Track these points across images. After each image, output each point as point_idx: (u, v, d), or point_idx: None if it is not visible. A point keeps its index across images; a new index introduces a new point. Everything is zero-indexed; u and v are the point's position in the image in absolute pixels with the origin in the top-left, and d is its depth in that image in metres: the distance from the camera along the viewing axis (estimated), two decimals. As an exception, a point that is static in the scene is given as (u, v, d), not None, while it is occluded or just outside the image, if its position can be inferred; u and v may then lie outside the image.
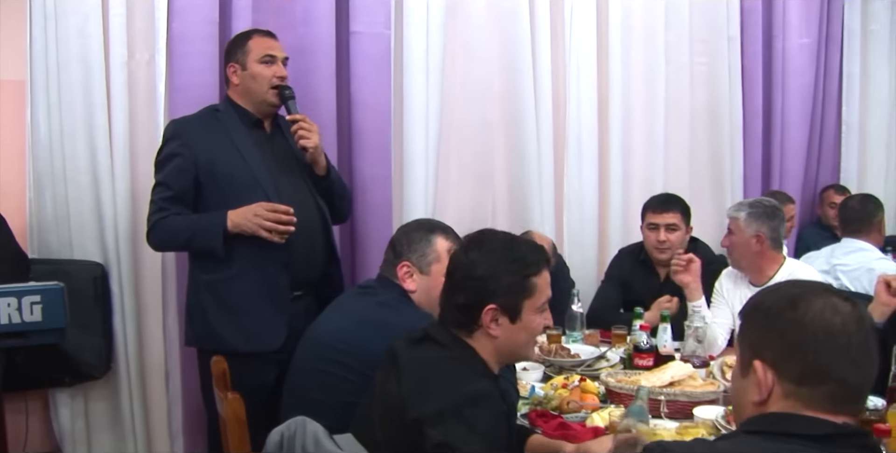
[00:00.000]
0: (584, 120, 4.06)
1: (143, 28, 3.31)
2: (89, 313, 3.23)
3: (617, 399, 2.54)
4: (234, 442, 2.12)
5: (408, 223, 2.61)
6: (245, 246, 2.77)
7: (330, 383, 2.24)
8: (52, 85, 3.24)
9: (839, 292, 1.39)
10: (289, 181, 2.92)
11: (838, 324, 1.29)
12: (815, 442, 1.25)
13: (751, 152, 4.45)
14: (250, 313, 2.82)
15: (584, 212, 4.10)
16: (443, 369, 1.82)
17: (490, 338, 1.86)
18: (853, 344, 1.29)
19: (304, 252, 2.86)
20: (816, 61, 4.57)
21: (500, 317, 1.85)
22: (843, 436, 1.26)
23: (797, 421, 1.28)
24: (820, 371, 1.28)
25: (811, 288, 1.39)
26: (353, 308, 2.42)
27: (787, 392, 1.30)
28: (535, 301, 1.88)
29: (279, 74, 2.92)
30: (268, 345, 2.78)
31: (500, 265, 1.86)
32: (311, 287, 2.97)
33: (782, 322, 1.32)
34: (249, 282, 2.81)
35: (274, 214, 2.72)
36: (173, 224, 2.82)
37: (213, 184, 2.84)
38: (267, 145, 2.94)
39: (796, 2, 4.48)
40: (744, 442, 1.30)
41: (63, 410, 3.33)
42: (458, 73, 3.81)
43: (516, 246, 1.91)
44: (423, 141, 3.68)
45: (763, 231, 3.15)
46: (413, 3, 3.63)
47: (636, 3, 4.14)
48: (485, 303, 1.84)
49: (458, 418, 1.70)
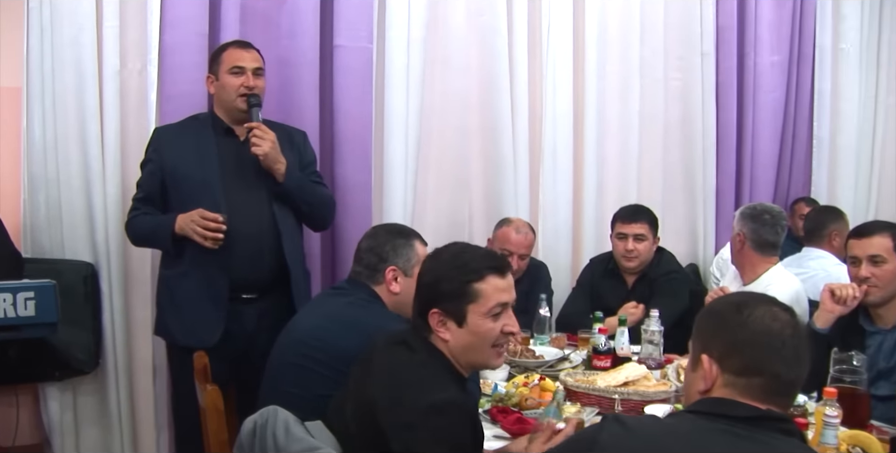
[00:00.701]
0: (559, 131, 4.20)
1: (135, 39, 3.46)
2: (79, 310, 3.36)
3: (575, 397, 2.67)
4: (212, 429, 2.27)
5: (376, 230, 2.68)
6: (192, 247, 2.94)
7: (304, 376, 2.38)
8: (47, 92, 3.38)
9: (780, 303, 1.61)
10: (243, 187, 3.04)
11: (776, 328, 1.52)
12: (741, 422, 1.44)
13: (724, 165, 4.58)
14: (191, 310, 3.01)
15: (558, 220, 4.23)
16: (412, 376, 1.91)
17: (443, 341, 1.98)
18: (787, 346, 1.51)
19: (247, 256, 3.00)
20: (788, 78, 4.70)
21: (447, 321, 1.96)
22: (766, 419, 1.46)
23: (728, 405, 1.49)
24: (756, 366, 1.50)
25: (756, 297, 1.63)
26: (326, 307, 2.56)
27: (728, 382, 1.52)
28: (480, 306, 1.95)
29: (247, 84, 3.05)
30: (202, 342, 2.90)
31: (443, 271, 1.98)
32: (263, 290, 3.09)
33: (729, 323, 1.55)
34: (193, 281, 3.00)
35: (203, 222, 2.87)
36: (140, 223, 3.06)
37: (174, 187, 3.03)
38: (233, 152, 3.06)
39: (769, 20, 4.62)
40: (683, 418, 1.52)
41: (52, 403, 3.45)
42: (438, 85, 3.96)
43: (464, 254, 2.01)
44: (403, 150, 3.82)
45: (744, 231, 3.33)
46: (395, 17, 3.78)
47: (612, 20, 4.29)
48: (430, 307, 1.97)
49: (425, 428, 1.79)
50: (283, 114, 3.51)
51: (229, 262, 2.97)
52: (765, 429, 1.44)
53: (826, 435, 1.93)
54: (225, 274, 2.98)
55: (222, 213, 2.90)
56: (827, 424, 1.93)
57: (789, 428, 1.49)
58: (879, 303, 2.77)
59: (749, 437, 1.42)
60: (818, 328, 2.79)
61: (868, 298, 2.76)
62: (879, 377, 2.67)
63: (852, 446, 2.12)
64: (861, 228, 2.88)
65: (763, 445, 1.41)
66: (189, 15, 3.45)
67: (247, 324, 3.04)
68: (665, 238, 3.99)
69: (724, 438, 1.42)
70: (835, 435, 1.93)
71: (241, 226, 2.96)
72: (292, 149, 3.15)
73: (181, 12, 3.44)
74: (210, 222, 2.87)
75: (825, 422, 1.94)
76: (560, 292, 3.97)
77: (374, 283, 2.54)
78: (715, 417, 1.47)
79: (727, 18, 4.53)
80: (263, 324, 3.03)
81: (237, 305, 3.03)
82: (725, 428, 1.43)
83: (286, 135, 3.17)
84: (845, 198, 4.92)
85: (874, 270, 2.74)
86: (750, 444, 1.41)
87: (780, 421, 1.48)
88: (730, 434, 1.42)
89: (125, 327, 3.51)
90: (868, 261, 2.75)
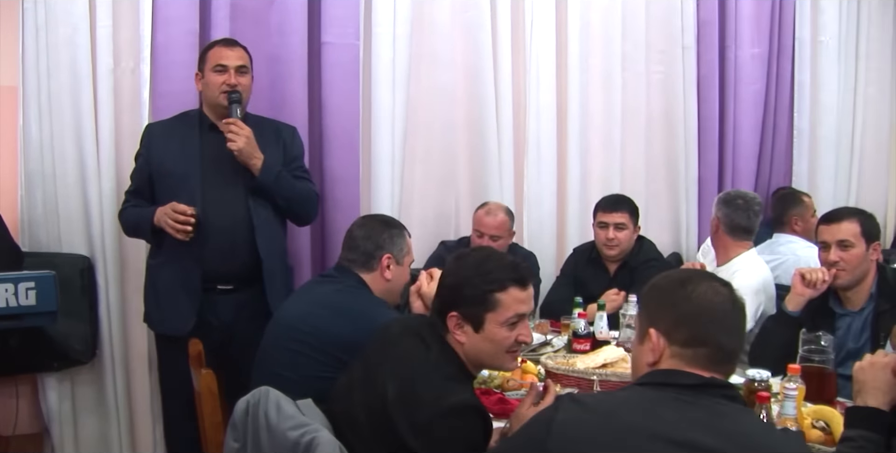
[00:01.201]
0: (543, 124, 4.28)
1: (128, 38, 3.54)
2: (76, 302, 3.44)
3: (555, 378, 2.77)
4: (206, 412, 2.38)
5: (368, 220, 2.76)
6: (169, 238, 3.05)
7: (294, 360, 2.48)
8: (42, 90, 3.46)
9: (720, 279, 1.70)
10: (220, 182, 3.13)
11: (718, 302, 1.62)
12: (687, 389, 1.54)
13: (706, 156, 4.67)
14: (167, 299, 3.13)
15: (542, 211, 4.32)
16: (430, 376, 1.96)
17: (458, 342, 2.05)
18: (728, 318, 1.62)
19: (219, 249, 3.09)
20: (768, 70, 4.78)
21: (464, 325, 2.02)
22: (710, 386, 1.56)
23: (674, 375, 1.59)
24: (701, 336, 1.60)
25: (698, 273, 1.75)
26: (315, 294, 2.66)
27: (674, 353, 1.61)
28: (498, 315, 2.00)
29: (229, 82, 3.12)
30: (176, 330, 3.05)
31: (466, 276, 2.02)
32: (240, 282, 3.17)
33: (673, 297, 1.65)
34: (169, 271, 3.12)
35: (174, 214, 2.97)
36: (128, 214, 3.20)
37: (158, 181, 3.15)
38: (216, 148, 3.12)
39: (749, 14, 4.70)
40: (634, 390, 1.62)
41: (51, 393, 3.54)
42: (423, 79, 4.05)
43: (489, 262, 2.04)
44: (389, 143, 3.91)
45: (719, 215, 3.44)
46: (380, 14, 3.87)
47: (595, 14, 4.38)
48: (449, 309, 2.03)
49: (443, 429, 1.87)
50: (274, 110, 3.61)
51: (202, 254, 3.07)
52: (709, 396, 1.54)
53: (785, 407, 2.03)
54: (198, 265, 3.08)
55: (196, 207, 2.99)
56: (787, 396, 2.04)
57: (732, 393, 1.59)
58: (848, 287, 2.88)
59: (695, 403, 1.51)
60: (789, 311, 2.90)
61: (837, 282, 2.87)
62: (848, 357, 2.76)
63: (816, 420, 2.22)
64: (830, 214, 2.98)
65: (707, 409, 1.50)
66: (180, 14, 3.54)
67: (223, 315, 3.14)
68: (648, 227, 4.10)
69: (673, 405, 1.51)
70: (794, 407, 2.04)
71: (216, 219, 3.07)
72: (278, 144, 3.23)
73: (172, 12, 3.53)
74: (179, 215, 2.97)
75: (785, 395, 2.05)
76: (545, 281, 4.08)
77: (368, 270, 2.63)
78: (664, 387, 1.56)
79: (708, 12, 4.61)
80: (242, 315, 3.14)
81: (213, 295, 3.13)
82: (674, 396, 1.53)
83: (273, 130, 3.26)
84: (825, 187, 5.00)
85: (842, 254, 2.84)
86: (696, 409, 1.50)
87: (724, 388, 1.58)
88: (678, 401, 1.52)
89: (121, 318, 3.60)
90: (837, 246, 2.86)
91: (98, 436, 3.63)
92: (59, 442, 3.57)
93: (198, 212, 2.99)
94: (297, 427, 1.90)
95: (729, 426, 1.48)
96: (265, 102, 3.61)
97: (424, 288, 2.54)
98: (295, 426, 1.91)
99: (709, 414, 1.49)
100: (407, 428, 1.89)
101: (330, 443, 1.82)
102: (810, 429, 2.18)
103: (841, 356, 2.76)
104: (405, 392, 1.94)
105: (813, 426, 2.20)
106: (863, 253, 2.84)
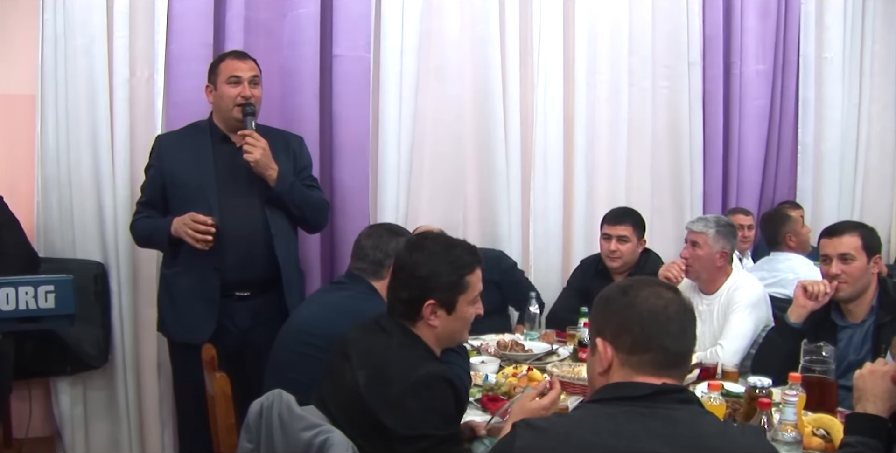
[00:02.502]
0: (550, 138, 4.34)
1: (143, 49, 3.61)
2: (90, 308, 3.50)
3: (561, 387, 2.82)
4: (220, 415, 2.43)
5: (377, 229, 2.83)
6: (187, 248, 3.07)
7: (304, 363, 2.54)
8: (60, 99, 3.53)
9: (666, 284, 1.72)
10: (236, 192, 3.17)
11: (660, 305, 1.60)
12: (641, 400, 1.53)
13: (711, 170, 4.73)
14: (185, 307, 3.15)
15: (549, 224, 4.37)
16: (393, 356, 2.05)
17: (430, 327, 2.13)
18: (672, 321, 1.60)
19: (238, 257, 3.12)
20: (773, 86, 4.85)
21: (438, 311, 2.11)
22: (664, 393, 1.55)
23: (626, 387, 1.57)
24: (645, 341, 1.58)
25: (641, 280, 1.72)
26: (326, 299, 2.74)
27: (622, 361, 1.60)
28: (468, 295, 2.14)
29: (243, 94, 3.16)
30: (195, 337, 3.03)
31: (439, 266, 2.11)
32: (257, 289, 3.20)
33: (616, 305, 1.64)
34: (187, 280, 3.14)
35: (194, 224, 3.00)
36: (141, 225, 3.21)
37: (172, 191, 3.16)
38: (229, 159, 3.18)
39: (754, 30, 4.78)
40: (587, 409, 1.61)
41: (63, 397, 3.59)
42: (432, 92, 4.11)
43: (452, 248, 2.16)
44: (396, 156, 3.97)
45: (727, 248, 3.41)
46: (389, 27, 3.93)
47: (602, 29, 4.44)
48: (425, 298, 2.10)
49: (416, 401, 1.95)
50: (285, 121, 3.67)
51: (221, 263, 3.10)
52: (664, 402, 1.53)
53: (785, 412, 2.07)
54: (217, 273, 3.11)
55: (214, 216, 3.03)
56: (787, 402, 2.08)
57: (686, 396, 1.58)
58: (849, 299, 2.90)
59: (651, 414, 1.50)
60: (792, 322, 2.94)
61: (839, 294, 2.89)
62: (849, 369, 2.77)
63: (817, 428, 2.26)
64: (832, 228, 3.02)
65: (664, 418, 1.50)
66: (194, 26, 3.61)
67: (240, 321, 3.18)
68: (654, 241, 4.13)
69: (628, 418, 1.50)
70: (793, 412, 2.08)
71: (234, 228, 3.10)
72: (288, 154, 3.26)
73: (187, 24, 3.60)
74: (200, 225, 3.00)
75: (785, 401, 2.09)
76: (551, 292, 4.13)
77: (377, 278, 2.69)
78: (617, 401, 1.55)
79: (713, 28, 4.67)
80: (258, 321, 3.17)
81: (231, 302, 3.16)
82: (628, 409, 1.52)
83: (282, 141, 3.29)
84: (830, 201, 5.05)
85: (844, 267, 2.87)
86: (652, 420, 1.49)
87: (677, 392, 1.56)
88: (633, 413, 1.51)
89: (133, 324, 3.64)
90: (838, 259, 2.89)
91: (109, 440, 3.68)
92: (70, 446, 3.61)
93: (216, 221, 3.03)
94: (310, 427, 1.95)
95: (685, 431, 1.47)
96: (276, 114, 3.67)
97: None
98: (308, 426, 1.95)
99: (665, 422, 1.49)
100: (380, 408, 1.96)
101: (343, 444, 1.86)
102: (811, 437, 2.22)
103: (842, 368, 2.78)
104: (374, 375, 2.01)
105: (814, 434, 2.24)
106: (864, 266, 2.87)
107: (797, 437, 2.07)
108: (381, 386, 1.99)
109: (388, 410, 1.96)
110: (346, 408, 2.05)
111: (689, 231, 3.46)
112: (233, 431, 2.39)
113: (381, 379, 2.01)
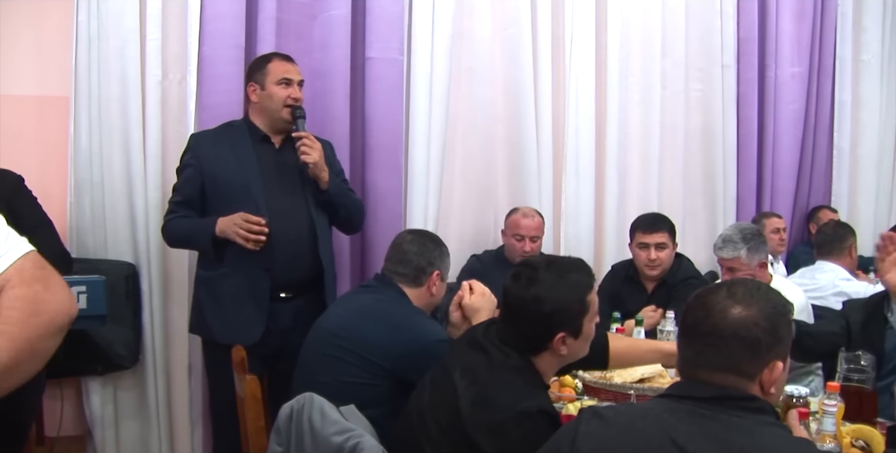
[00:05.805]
0: (582, 141, 4.31)
1: (176, 51, 3.61)
2: (121, 308, 3.50)
3: (593, 392, 2.80)
4: (250, 417, 2.42)
5: (419, 236, 2.81)
6: (234, 248, 3.06)
7: (333, 365, 2.53)
8: (93, 101, 3.54)
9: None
10: (283, 192, 3.17)
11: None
12: (705, 402, 1.53)
13: (745, 174, 4.69)
14: (233, 309, 3.12)
15: (580, 227, 4.34)
16: (505, 380, 1.97)
17: (558, 355, 2.05)
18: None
19: (287, 258, 3.12)
20: (808, 89, 4.81)
21: (567, 339, 2.03)
22: (728, 399, 1.54)
23: (693, 387, 1.58)
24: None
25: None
26: (356, 303, 2.73)
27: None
28: (591, 314, 2.07)
29: (294, 96, 3.19)
30: (244, 339, 2.96)
31: (563, 298, 2.01)
32: (299, 290, 3.21)
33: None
34: (235, 281, 3.12)
35: (247, 224, 2.99)
36: (177, 225, 3.18)
37: (214, 191, 3.15)
38: (271, 159, 3.19)
39: (789, 33, 4.74)
40: (655, 402, 1.63)
41: (94, 397, 3.60)
42: (463, 94, 4.10)
43: (567, 274, 2.04)
44: (426, 158, 3.95)
45: (763, 258, 3.38)
46: (421, 29, 3.91)
47: (635, 32, 4.41)
48: (555, 333, 2.00)
49: (516, 431, 1.87)
50: (316, 124, 3.65)
51: (270, 264, 3.10)
52: (728, 408, 1.52)
53: (824, 423, 2.04)
54: (266, 274, 3.11)
55: (264, 217, 3.02)
56: (826, 412, 2.05)
57: (756, 406, 1.55)
58: None
59: (712, 417, 1.50)
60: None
61: None
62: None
63: (856, 439, 2.22)
64: None
65: (721, 423, 1.49)
66: (226, 28, 3.60)
67: (283, 322, 3.17)
68: (685, 245, 4.10)
69: (688, 418, 1.51)
70: (833, 423, 2.04)
71: (282, 229, 3.09)
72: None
73: (219, 26, 3.60)
74: (253, 225, 2.99)
75: (825, 411, 2.05)
76: (581, 296, 4.08)
77: (416, 285, 2.69)
78: (682, 399, 1.56)
79: (748, 31, 4.64)
80: (299, 321, 3.14)
81: (275, 304, 3.15)
82: (690, 409, 1.52)
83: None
84: (866, 207, 5.01)
85: None
86: (711, 422, 1.49)
87: (743, 400, 1.54)
88: (694, 414, 1.51)
89: (163, 325, 3.65)
90: None
91: (139, 440, 3.69)
92: (101, 445, 3.62)
93: (267, 222, 3.02)
94: (341, 432, 1.94)
95: (741, 439, 1.46)
96: (308, 116, 3.63)
97: (466, 299, 2.57)
98: (339, 431, 1.95)
99: (720, 427, 1.48)
100: (478, 428, 1.91)
101: (373, 448, 1.85)
102: (850, 448, 2.18)
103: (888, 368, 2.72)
104: (480, 393, 1.96)
105: (853, 445, 2.21)
106: None
107: (836, 448, 2.04)
108: (486, 406, 1.94)
109: (488, 433, 1.90)
110: (444, 422, 2.00)
111: (721, 258, 3.42)
112: (263, 433, 2.39)
113: (486, 399, 1.95)
